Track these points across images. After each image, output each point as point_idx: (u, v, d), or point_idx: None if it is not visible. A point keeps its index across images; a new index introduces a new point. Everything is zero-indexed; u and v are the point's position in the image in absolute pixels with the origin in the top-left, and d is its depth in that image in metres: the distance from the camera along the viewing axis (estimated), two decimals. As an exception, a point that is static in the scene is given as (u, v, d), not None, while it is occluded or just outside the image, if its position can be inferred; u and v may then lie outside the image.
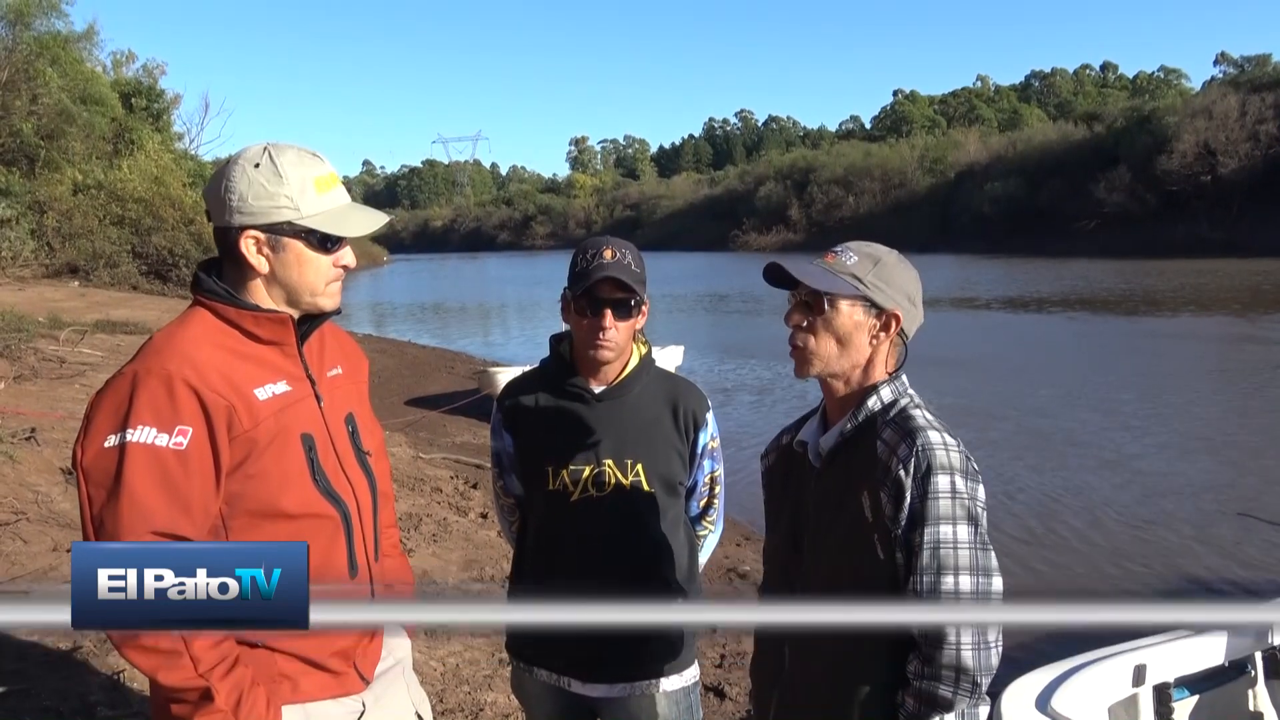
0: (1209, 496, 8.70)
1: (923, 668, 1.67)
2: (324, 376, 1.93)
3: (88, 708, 3.84)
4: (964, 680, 1.65)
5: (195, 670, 1.64)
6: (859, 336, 1.79)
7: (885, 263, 1.81)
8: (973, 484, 1.70)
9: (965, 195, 65.12)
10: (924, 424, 1.73)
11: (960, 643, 1.64)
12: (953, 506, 1.67)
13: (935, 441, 1.69)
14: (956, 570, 1.66)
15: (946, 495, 1.67)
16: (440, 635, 5.16)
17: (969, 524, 1.68)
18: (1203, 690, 3.54)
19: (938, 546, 1.66)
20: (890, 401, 1.80)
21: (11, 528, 5.52)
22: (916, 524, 1.67)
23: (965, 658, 1.64)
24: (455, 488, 8.54)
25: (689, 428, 2.42)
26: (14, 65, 25.80)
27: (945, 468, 1.68)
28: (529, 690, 2.54)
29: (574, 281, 2.29)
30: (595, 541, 2.32)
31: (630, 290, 2.27)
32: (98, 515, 1.63)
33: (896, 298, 1.80)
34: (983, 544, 1.69)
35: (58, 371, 10.41)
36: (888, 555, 1.71)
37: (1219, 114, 52.05)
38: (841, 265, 1.81)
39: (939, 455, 1.68)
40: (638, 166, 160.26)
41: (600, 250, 2.28)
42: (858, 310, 1.79)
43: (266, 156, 1.77)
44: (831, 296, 1.78)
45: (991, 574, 1.68)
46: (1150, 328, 21.54)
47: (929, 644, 1.66)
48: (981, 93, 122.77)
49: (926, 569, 1.66)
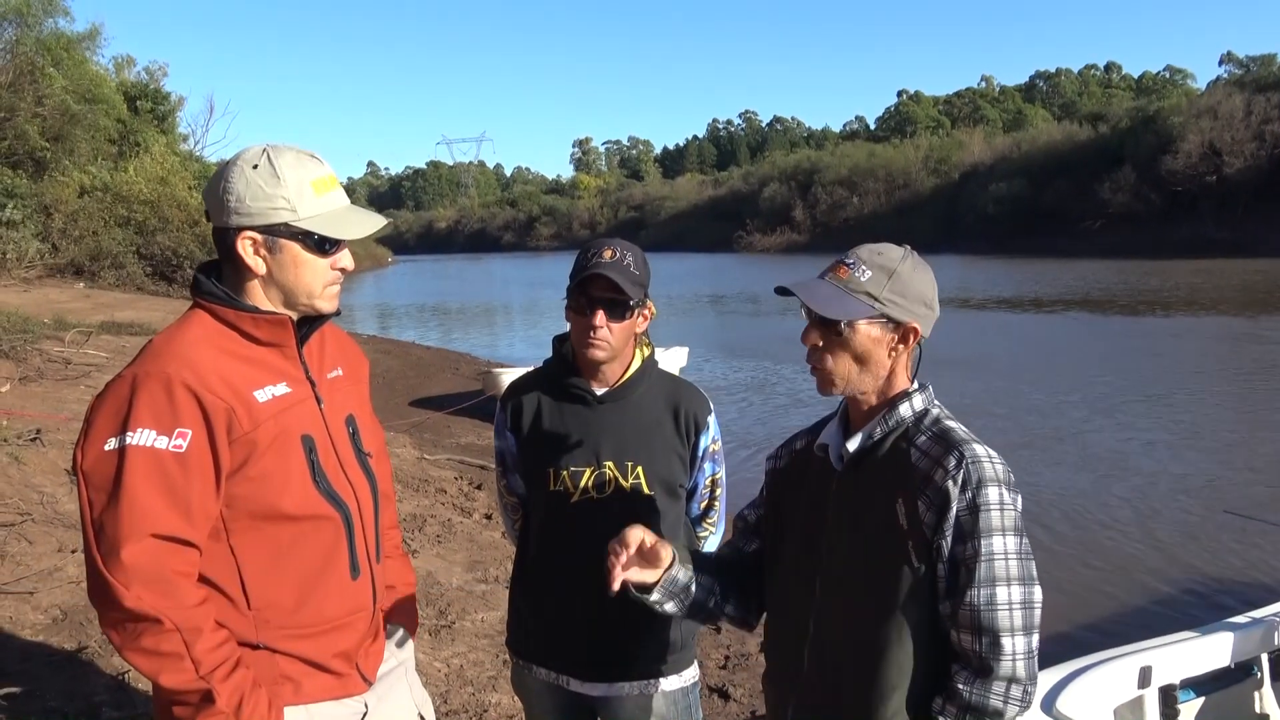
0: (1197, 494, 8.69)
1: (974, 678, 1.67)
2: (324, 378, 1.93)
3: (93, 708, 3.84)
4: (1015, 690, 1.66)
5: (196, 672, 1.63)
6: (878, 353, 1.78)
7: (899, 273, 1.77)
8: (1015, 495, 1.71)
9: (970, 196, 65.08)
10: (965, 436, 1.74)
11: (1016, 653, 1.65)
12: (1002, 518, 1.68)
13: (981, 454, 1.70)
14: (1008, 581, 1.67)
15: (997, 508, 1.67)
16: (445, 636, 5.16)
17: (1016, 535, 1.69)
18: (1209, 692, 3.54)
19: (992, 559, 1.66)
20: (922, 410, 1.80)
21: (17, 529, 5.53)
22: (967, 537, 1.67)
23: (1020, 668, 1.66)
24: (459, 489, 8.55)
25: (690, 431, 2.42)
26: (18, 67, 25.85)
27: (994, 480, 1.68)
28: (529, 688, 2.55)
29: (571, 278, 2.30)
30: (595, 543, 2.32)
31: (623, 291, 2.25)
32: (98, 518, 1.62)
33: (913, 308, 1.78)
34: (1027, 554, 1.70)
35: (63, 373, 10.42)
36: (922, 562, 1.70)
37: (1224, 114, 51.98)
38: (855, 283, 1.76)
39: (986, 468, 1.69)
40: (642, 167, 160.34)
41: (600, 250, 2.28)
42: (875, 328, 1.76)
43: (265, 158, 1.76)
44: (850, 321, 1.75)
45: (1035, 583, 1.70)
46: (1151, 327, 21.52)
47: (988, 655, 1.66)
48: (986, 93, 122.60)
49: (984, 581, 1.66)
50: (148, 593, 1.60)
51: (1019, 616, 1.66)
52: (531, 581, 2.51)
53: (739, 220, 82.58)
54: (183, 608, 1.63)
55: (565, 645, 2.41)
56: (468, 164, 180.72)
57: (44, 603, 4.73)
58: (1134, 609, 6.36)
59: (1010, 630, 1.66)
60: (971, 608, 1.66)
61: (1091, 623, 6.11)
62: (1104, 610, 6.35)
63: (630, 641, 2.38)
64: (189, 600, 1.65)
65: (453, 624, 5.33)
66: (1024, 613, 1.67)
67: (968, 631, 1.67)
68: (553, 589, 2.43)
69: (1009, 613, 1.66)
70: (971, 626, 1.67)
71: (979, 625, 1.66)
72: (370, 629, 1.97)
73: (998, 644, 1.65)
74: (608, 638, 2.36)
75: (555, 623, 2.42)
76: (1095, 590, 6.70)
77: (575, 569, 2.33)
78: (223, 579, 1.75)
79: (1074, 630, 5.90)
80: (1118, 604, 6.46)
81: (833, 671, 1.80)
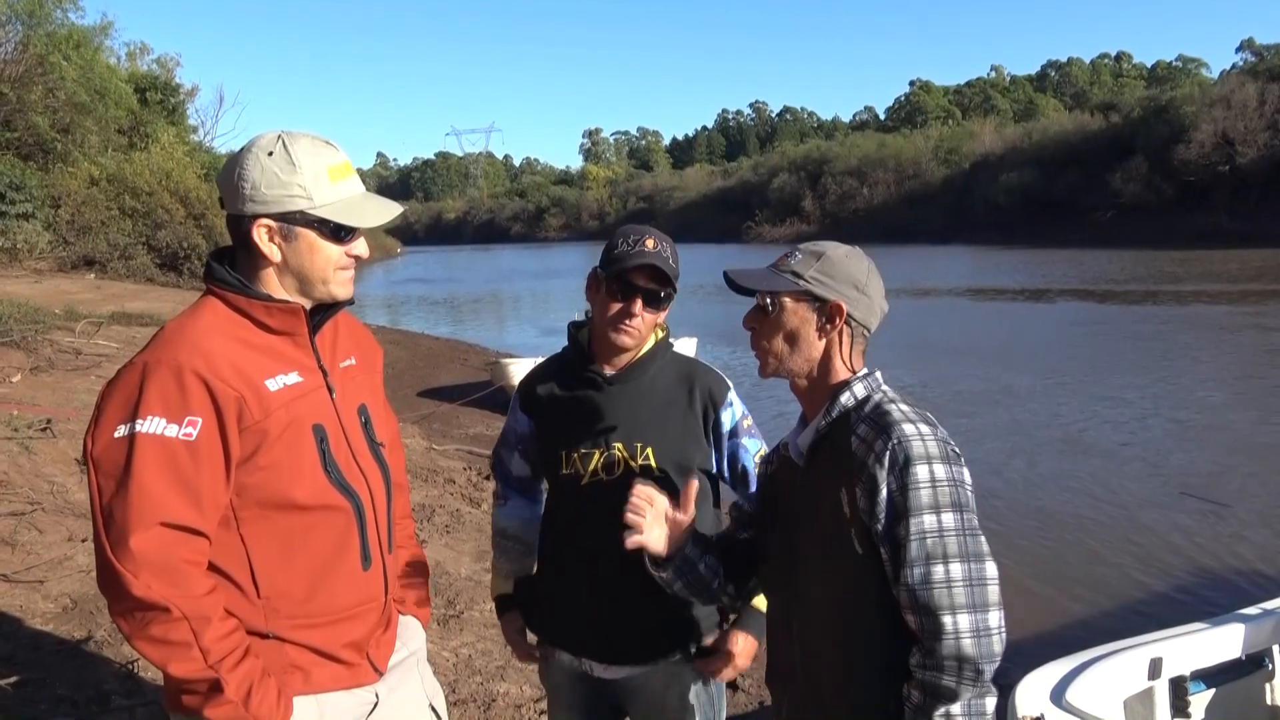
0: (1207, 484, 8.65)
1: (924, 659, 1.66)
2: (336, 367, 1.92)
3: (102, 696, 3.86)
4: (966, 669, 1.63)
5: (205, 661, 1.63)
6: (806, 332, 1.83)
7: (829, 257, 1.84)
8: (956, 469, 1.69)
9: (980, 186, 64.78)
10: (899, 417, 1.72)
11: (960, 631, 1.63)
12: (934, 495, 1.66)
13: (910, 433, 1.69)
14: (945, 558, 1.65)
15: (927, 484, 1.66)
16: (453, 626, 5.17)
17: (954, 510, 1.67)
18: (1219, 683, 3.52)
19: (924, 536, 1.65)
20: (864, 397, 1.80)
21: (28, 518, 5.56)
22: (900, 517, 1.66)
23: (966, 646, 1.63)
24: (468, 479, 8.56)
25: (707, 409, 2.40)
26: (28, 60, 25.90)
27: (922, 457, 1.67)
28: (550, 670, 2.56)
29: (610, 263, 2.28)
30: (605, 525, 2.32)
31: (667, 283, 2.28)
32: (107, 506, 1.62)
33: (840, 289, 1.82)
34: (971, 529, 1.68)
35: (74, 363, 10.46)
36: (866, 549, 1.70)
37: (1237, 103, 51.59)
38: (786, 265, 1.86)
39: (915, 445, 1.67)
40: (651, 158, 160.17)
41: (643, 238, 2.28)
42: (802, 307, 1.83)
43: (280, 144, 1.75)
44: (774, 295, 1.83)
45: (984, 558, 1.67)
46: (1159, 316, 21.42)
47: (929, 635, 1.65)
48: (997, 83, 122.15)
49: (915, 560, 1.65)
50: (156, 581, 1.60)
51: (960, 594, 1.64)
52: (546, 565, 2.52)
53: (748, 211, 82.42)
54: (191, 597, 1.63)
55: (580, 629, 2.42)
56: (477, 155, 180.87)
57: (54, 591, 4.76)
58: (1144, 600, 6.34)
59: (951, 608, 1.63)
60: (908, 587, 1.66)
61: (1101, 614, 6.09)
62: (1114, 601, 6.33)
63: (647, 625, 2.38)
64: (198, 589, 1.65)
65: (461, 614, 5.34)
66: (967, 590, 1.64)
67: (910, 611, 1.67)
68: (566, 572, 2.44)
69: (947, 590, 1.64)
70: (911, 606, 1.66)
71: (917, 604, 1.65)
72: (381, 619, 1.96)
73: (937, 623, 1.64)
74: (622, 621, 2.36)
75: (569, 606, 2.43)
76: (1105, 581, 6.68)
77: (587, 552, 2.34)
78: (232, 568, 1.75)
79: (1084, 621, 5.88)
80: (1128, 595, 6.44)
81: (815, 667, 1.82)
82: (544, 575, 2.54)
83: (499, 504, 2.63)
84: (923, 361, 15.09)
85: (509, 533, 2.59)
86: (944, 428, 1.76)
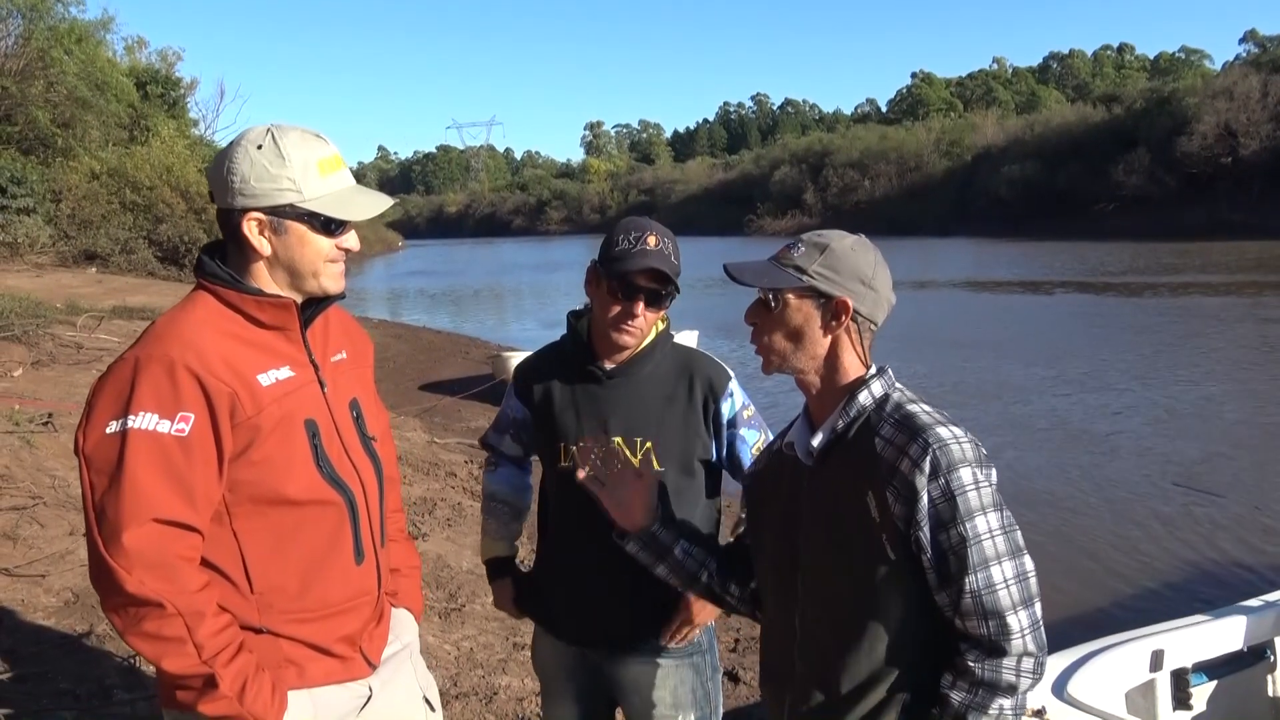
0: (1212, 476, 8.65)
1: (984, 657, 1.65)
2: (328, 361, 1.91)
3: (104, 691, 3.86)
4: (1028, 662, 1.65)
5: (199, 657, 1.63)
6: (810, 329, 1.77)
7: (834, 249, 1.77)
8: (987, 470, 1.69)
9: (982, 178, 64.65)
10: (928, 420, 1.70)
11: (1024, 628, 1.64)
12: (980, 498, 1.65)
13: (946, 437, 1.67)
14: (999, 559, 1.65)
15: (973, 488, 1.65)
16: (454, 619, 5.18)
17: (996, 510, 1.67)
18: (1221, 675, 3.51)
19: (980, 541, 1.64)
20: (882, 396, 1.76)
21: (29, 512, 5.56)
22: (948, 524, 1.64)
23: (1030, 641, 1.64)
24: (470, 472, 8.56)
25: (707, 400, 2.38)
26: (29, 54, 25.89)
27: (963, 461, 1.65)
28: (544, 656, 2.57)
29: (610, 261, 2.24)
30: (602, 520, 2.32)
31: (669, 282, 2.25)
32: (100, 502, 1.61)
33: (845, 283, 1.75)
34: (1011, 525, 1.68)
35: (75, 357, 10.48)
36: (899, 555, 1.68)
37: (1240, 95, 51.42)
38: (789, 259, 1.78)
39: (954, 450, 1.65)
40: (652, 151, 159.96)
41: (645, 235, 2.24)
42: (806, 303, 1.76)
43: (269, 138, 1.74)
44: (776, 292, 1.77)
45: (1024, 552, 1.68)
46: (1155, 307, 21.40)
47: (998, 636, 1.64)
48: (999, 75, 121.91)
49: (978, 565, 1.64)
50: (150, 577, 1.60)
51: (1016, 591, 1.64)
52: (543, 557, 2.53)
53: (750, 204, 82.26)
54: (185, 592, 1.63)
55: (577, 620, 2.43)
56: (478, 148, 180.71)
57: (55, 586, 4.76)
58: (1146, 592, 6.34)
59: (1013, 607, 1.64)
60: (973, 594, 1.64)
61: (1103, 606, 6.09)
62: (1116, 593, 6.33)
63: (644, 618, 2.38)
64: (191, 585, 1.64)
65: (462, 607, 5.34)
66: (1020, 586, 1.65)
67: (974, 617, 1.65)
68: (564, 564, 2.44)
69: (1007, 590, 1.64)
70: (976, 612, 1.65)
71: (984, 610, 1.64)
72: (374, 613, 1.96)
73: (1004, 624, 1.63)
74: (619, 613, 2.37)
75: (567, 598, 2.44)
76: (1107, 573, 6.68)
77: (585, 545, 2.34)
78: (225, 563, 1.74)
79: (1085, 613, 5.88)
80: (1130, 587, 6.44)
81: (822, 669, 1.79)
82: (542, 567, 2.54)
83: (490, 469, 2.64)
84: (918, 352, 15.09)
85: (498, 496, 2.61)
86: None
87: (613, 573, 2.27)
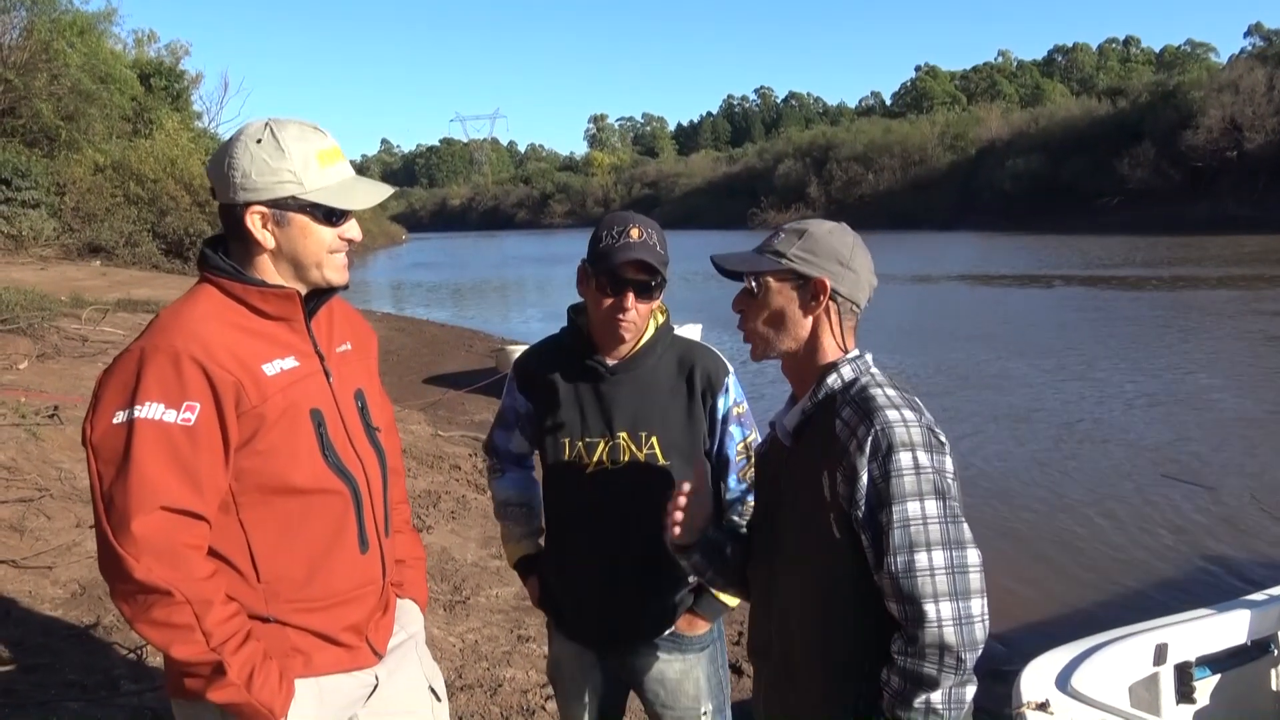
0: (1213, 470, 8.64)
1: (906, 646, 1.65)
2: (333, 352, 1.93)
3: (111, 682, 3.88)
4: (948, 657, 1.63)
5: (207, 645, 1.64)
6: (791, 311, 1.81)
7: (811, 233, 1.82)
8: (938, 457, 1.68)
9: (987, 172, 64.47)
10: (883, 403, 1.71)
11: (942, 619, 1.62)
12: (917, 483, 1.65)
13: (894, 419, 1.67)
14: (928, 546, 1.64)
15: (910, 472, 1.65)
16: (459, 611, 5.19)
17: (936, 498, 1.66)
18: (1225, 669, 3.52)
19: (906, 524, 1.64)
20: (851, 380, 1.79)
21: (36, 504, 5.58)
22: (882, 504, 1.65)
23: (948, 634, 1.62)
24: (474, 465, 8.57)
25: (706, 394, 2.39)
26: (32, 47, 25.87)
27: (905, 444, 1.66)
28: (557, 653, 2.58)
29: (596, 258, 2.25)
30: (610, 514, 2.32)
31: (655, 273, 2.25)
32: (107, 492, 1.63)
33: (823, 264, 1.79)
34: (953, 517, 1.67)
35: (80, 350, 10.49)
36: (843, 534, 1.70)
37: (1246, 88, 51.20)
38: (770, 245, 1.84)
39: (898, 432, 1.66)
40: (656, 144, 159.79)
41: (627, 229, 2.24)
42: (786, 286, 1.81)
43: (268, 132, 1.76)
44: (758, 276, 1.81)
45: (966, 546, 1.66)
46: (1155, 300, 21.37)
47: (911, 622, 1.64)
48: (1003, 68, 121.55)
49: (899, 548, 1.64)
50: (158, 565, 1.61)
51: (943, 581, 1.63)
52: (550, 553, 2.53)
53: (754, 197, 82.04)
54: (193, 580, 1.64)
55: (587, 614, 2.43)
56: (481, 141, 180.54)
57: (62, 577, 4.78)
58: (1149, 586, 6.33)
59: (933, 596, 1.62)
60: (891, 575, 1.65)
61: (1107, 600, 6.09)
62: (1119, 587, 6.33)
63: (654, 610, 2.39)
64: (199, 573, 1.66)
65: (467, 599, 5.36)
66: (949, 577, 1.63)
67: (892, 599, 1.66)
68: (572, 559, 2.45)
69: (930, 578, 1.63)
70: (894, 594, 1.65)
71: (900, 593, 1.64)
72: (380, 602, 1.97)
73: (920, 611, 1.63)
74: (629, 606, 2.38)
75: (576, 592, 2.44)
76: (1110, 567, 6.67)
77: (592, 539, 2.35)
78: (232, 552, 1.76)
79: (1089, 608, 5.88)
80: (1133, 581, 6.43)
81: (790, 647, 1.82)
82: (549, 563, 2.55)
83: (495, 476, 2.64)
84: (915, 346, 15.08)
85: (511, 500, 2.61)
86: (932, 413, 1.75)
87: (623, 566, 2.28)
